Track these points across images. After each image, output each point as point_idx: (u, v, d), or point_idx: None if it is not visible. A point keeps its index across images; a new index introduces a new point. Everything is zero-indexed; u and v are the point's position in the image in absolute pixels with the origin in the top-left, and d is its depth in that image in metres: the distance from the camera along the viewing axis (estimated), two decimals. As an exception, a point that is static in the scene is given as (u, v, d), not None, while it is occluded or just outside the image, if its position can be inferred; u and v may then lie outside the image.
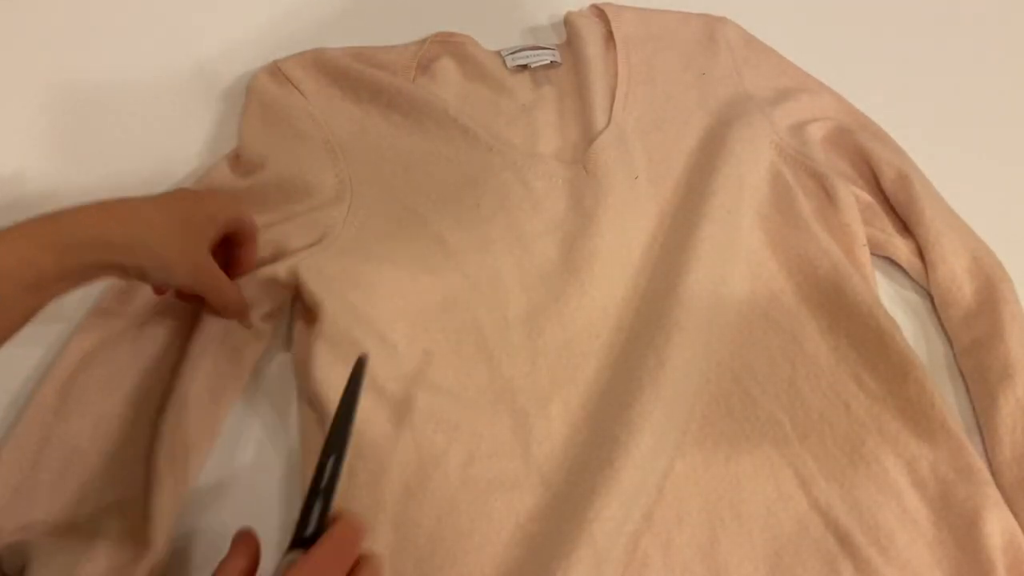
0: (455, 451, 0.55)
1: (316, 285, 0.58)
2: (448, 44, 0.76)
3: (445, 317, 0.61)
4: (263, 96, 0.71)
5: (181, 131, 0.71)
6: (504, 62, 0.76)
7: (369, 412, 0.55)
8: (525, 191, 0.67)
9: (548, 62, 0.75)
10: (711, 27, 0.79)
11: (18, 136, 0.70)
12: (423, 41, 0.75)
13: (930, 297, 0.65)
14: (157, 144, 0.70)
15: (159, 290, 0.57)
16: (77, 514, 0.51)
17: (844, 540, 0.53)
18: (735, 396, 0.59)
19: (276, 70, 0.72)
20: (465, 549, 0.51)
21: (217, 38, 0.77)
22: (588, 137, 0.70)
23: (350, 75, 0.71)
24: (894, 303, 0.65)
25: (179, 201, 0.51)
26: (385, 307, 0.60)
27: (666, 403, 0.56)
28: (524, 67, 0.75)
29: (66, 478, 0.52)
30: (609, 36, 0.78)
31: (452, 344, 0.60)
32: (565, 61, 0.76)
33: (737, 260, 0.64)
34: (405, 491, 0.53)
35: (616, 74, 0.75)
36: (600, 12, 0.80)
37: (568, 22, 0.79)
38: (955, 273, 0.64)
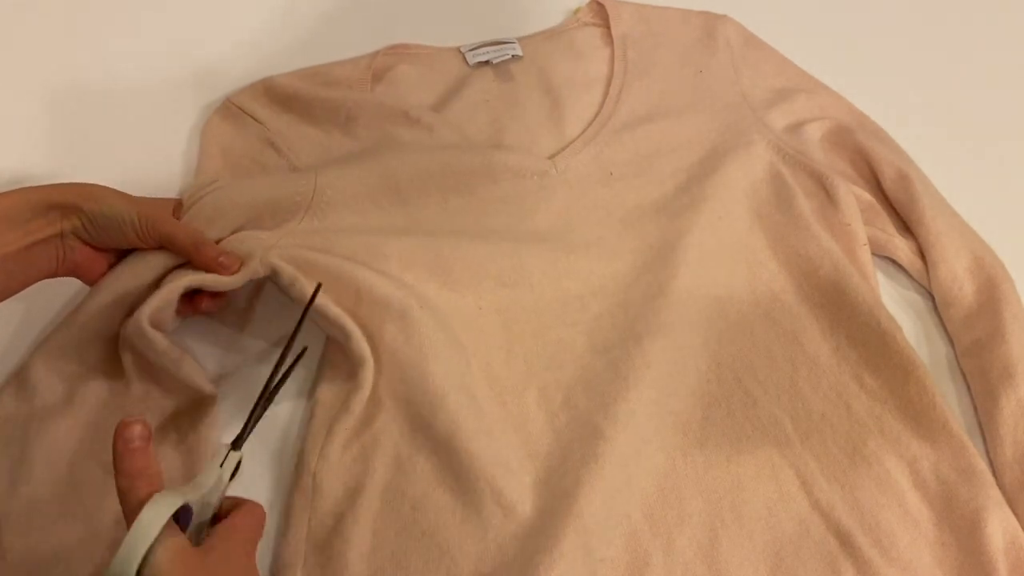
0: (438, 430, 0.55)
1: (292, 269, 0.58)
2: (402, 55, 0.76)
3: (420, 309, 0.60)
4: (220, 137, 0.70)
5: (178, 132, 0.71)
6: (465, 59, 0.75)
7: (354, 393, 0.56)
8: (492, 185, 0.66)
9: (510, 56, 0.75)
10: (711, 25, 0.78)
11: (16, 136, 0.70)
12: (375, 53, 0.75)
13: (931, 297, 0.65)
14: (155, 145, 0.70)
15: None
16: None
17: (845, 541, 0.53)
18: (736, 396, 0.59)
19: (229, 106, 0.71)
20: (447, 523, 0.52)
21: (215, 39, 0.77)
22: (560, 136, 0.71)
23: (302, 98, 0.70)
24: (895, 303, 0.65)
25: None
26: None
27: (653, 403, 0.57)
28: (486, 63, 0.75)
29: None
30: (606, 32, 0.78)
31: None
32: (529, 55, 0.76)
33: (732, 263, 0.64)
34: (395, 462, 0.55)
35: (610, 71, 0.75)
36: (600, 8, 0.79)
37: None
38: (956, 273, 0.64)
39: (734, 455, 0.56)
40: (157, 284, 0.57)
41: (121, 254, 0.58)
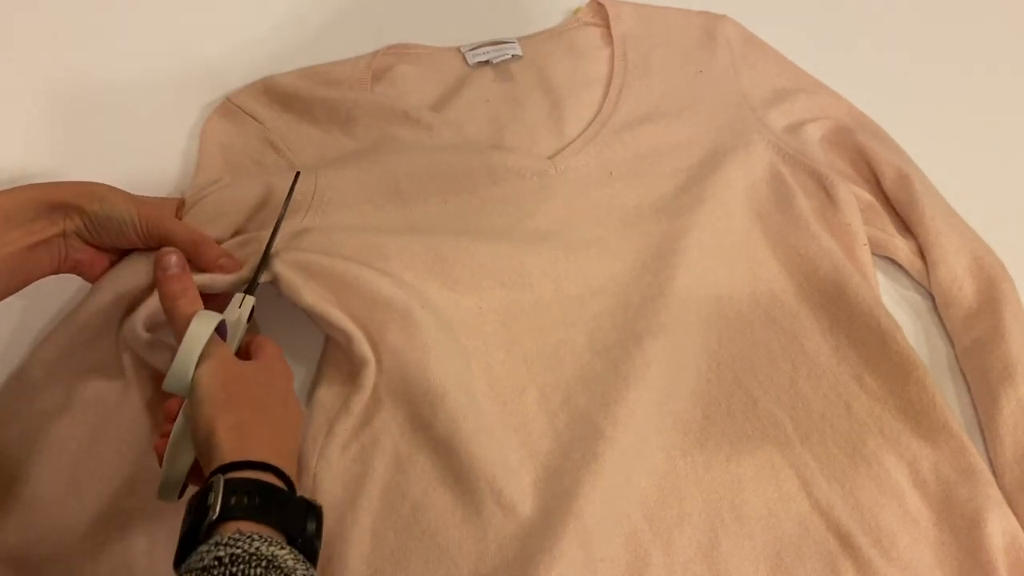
0: (438, 429, 0.55)
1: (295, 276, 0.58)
2: (402, 55, 0.76)
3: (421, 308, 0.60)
4: (220, 137, 0.70)
5: (178, 131, 0.71)
6: (465, 59, 0.75)
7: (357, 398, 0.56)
8: (492, 185, 0.66)
9: (510, 56, 0.75)
10: (711, 25, 0.78)
11: (16, 136, 0.70)
12: (375, 52, 0.75)
13: (931, 297, 0.65)
14: (155, 144, 0.70)
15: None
16: None
17: (845, 541, 0.53)
18: (736, 396, 0.59)
19: (229, 105, 0.71)
20: (447, 523, 0.52)
21: (216, 39, 0.77)
22: (560, 136, 0.70)
23: (302, 97, 0.70)
24: (895, 303, 0.65)
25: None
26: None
27: (653, 403, 0.57)
28: (486, 63, 0.75)
29: None
30: (606, 32, 0.78)
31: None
32: (529, 55, 0.76)
33: (732, 263, 0.64)
34: (395, 462, 0.55)
35: (610, 70, 0.75)
36: (600, 8, 0.79)
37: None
38: (956, 273, 0.64)
39: (734, 455, 0.56)
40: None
41: (123, 252, 0.58)
